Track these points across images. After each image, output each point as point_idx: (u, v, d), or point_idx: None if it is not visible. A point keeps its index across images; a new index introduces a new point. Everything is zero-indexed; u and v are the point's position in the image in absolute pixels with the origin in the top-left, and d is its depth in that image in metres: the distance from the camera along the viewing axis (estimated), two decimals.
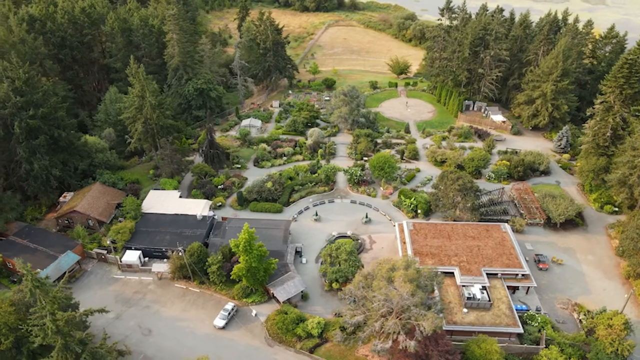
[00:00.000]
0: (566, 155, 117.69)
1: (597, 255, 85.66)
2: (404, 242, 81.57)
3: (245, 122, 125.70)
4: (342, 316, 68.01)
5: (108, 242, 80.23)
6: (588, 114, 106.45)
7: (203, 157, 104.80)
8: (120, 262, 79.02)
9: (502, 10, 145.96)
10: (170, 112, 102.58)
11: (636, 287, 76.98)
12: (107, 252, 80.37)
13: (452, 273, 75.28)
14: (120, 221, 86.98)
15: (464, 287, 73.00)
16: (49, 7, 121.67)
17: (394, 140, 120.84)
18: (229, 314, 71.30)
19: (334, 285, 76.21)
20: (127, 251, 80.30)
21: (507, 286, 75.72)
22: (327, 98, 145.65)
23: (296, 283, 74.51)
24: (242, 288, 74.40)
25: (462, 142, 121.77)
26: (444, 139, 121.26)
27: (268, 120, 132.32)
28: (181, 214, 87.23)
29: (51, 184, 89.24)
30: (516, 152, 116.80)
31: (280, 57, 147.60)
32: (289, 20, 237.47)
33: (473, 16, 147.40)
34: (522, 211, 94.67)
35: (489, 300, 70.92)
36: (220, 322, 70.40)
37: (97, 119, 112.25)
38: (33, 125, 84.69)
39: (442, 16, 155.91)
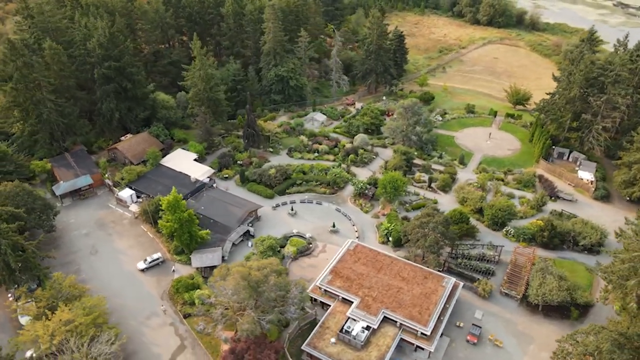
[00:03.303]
0: None
1: None
2: None
3: (309, 115, 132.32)
4: None
5: (107, 175, 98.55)
6: None
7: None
8: (117, 196, 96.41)
9: None
10: (223, 87, 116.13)
11: None
12: (113, 186, 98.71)
13: (352, 302, 71.44)
14: (145, 165, 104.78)
15: (349, 319, 69.00)
16: None
17: (435, 166, 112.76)
18: (152, 261, 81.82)
19: None
20: (126, 189, 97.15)
21: (407, 341, 68.55)
22: None
23: (214, 256, 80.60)
24: (176, 246, 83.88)
25: (516, 189, 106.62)
26: (491, 179, 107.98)
27: (338, 117, 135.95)
28: (183, 173, 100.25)
29: (113, 123, 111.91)
30: (573, 217, 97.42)
31: (380, 62, 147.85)
32: (451, 31, 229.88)
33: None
34: (504, 278, 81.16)
35: (362, 342, 65.87)
36: (141, 264, 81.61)
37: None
38: (107, 74, 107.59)
39: (583, 46, 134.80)
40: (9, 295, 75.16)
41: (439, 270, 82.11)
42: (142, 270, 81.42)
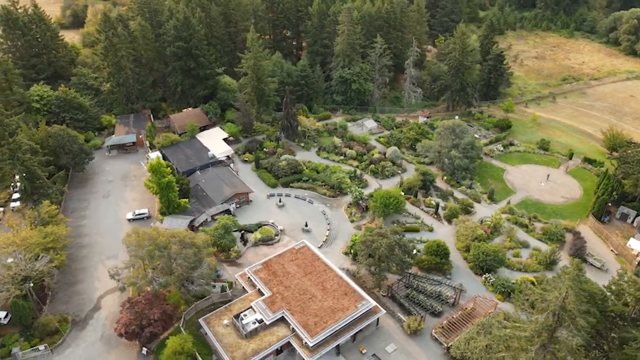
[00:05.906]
0: None
1: None
2: None
3: (360, 120, 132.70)
4: None
5: (141, 137, 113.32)
6: None
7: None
8: (147, 156, 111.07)
9: None
10: (272, 79, 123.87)
11: None
12: (149, 147, 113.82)
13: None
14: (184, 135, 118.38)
15: (251, 308, 71.03)
16: None
17: (459, 195, 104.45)
18: (139, 214, 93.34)
19: None
20: (157, 152, 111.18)
21: (291, 345, 68.27)
22: (477, 136, 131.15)
23: (182, 222, 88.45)
24: (161, 206, 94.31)
25: (538, 239, 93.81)
26: (509, 220, 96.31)
27: (392, 127, 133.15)
28: (206, 148, 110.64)
29: (175, 95, 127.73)
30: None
31: (459, 80, 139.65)
32: (594, 59, 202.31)
33: None
34: (442, 322, 73.63)
35: (247, 332, 67.55)
36: (129, 215, 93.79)
37: None
38: (177, 53, 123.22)
39: None
40: None
41: (383, 295, 78.79)
42: (129, 220, 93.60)
